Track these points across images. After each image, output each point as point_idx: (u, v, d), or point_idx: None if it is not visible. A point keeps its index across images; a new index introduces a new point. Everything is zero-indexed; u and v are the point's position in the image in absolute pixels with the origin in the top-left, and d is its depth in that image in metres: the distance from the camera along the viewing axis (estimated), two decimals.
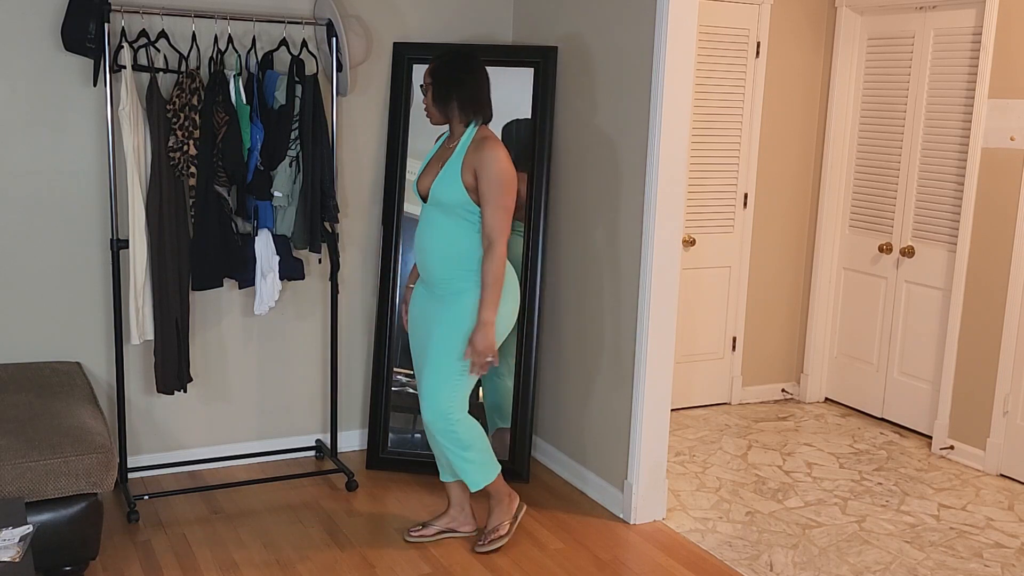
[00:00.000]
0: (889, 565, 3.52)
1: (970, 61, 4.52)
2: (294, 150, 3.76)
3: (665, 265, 3.62)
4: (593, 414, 3.99)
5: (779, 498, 4.09)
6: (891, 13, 4.92)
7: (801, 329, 5.44)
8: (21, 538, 2.32)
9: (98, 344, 3.87)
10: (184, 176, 3.62)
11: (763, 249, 5.25)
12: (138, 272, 3.60)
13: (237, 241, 3.75)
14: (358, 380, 4.38)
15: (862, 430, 4.99)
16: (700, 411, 5.22)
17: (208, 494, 3.89)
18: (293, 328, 4.22)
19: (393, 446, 4.21)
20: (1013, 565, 3.55)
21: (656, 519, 3.81)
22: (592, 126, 3.92)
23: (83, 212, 3.77)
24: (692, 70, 3.56)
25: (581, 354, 4.04)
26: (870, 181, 5.09)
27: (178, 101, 3.58)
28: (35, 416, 3.11)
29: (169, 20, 3.72)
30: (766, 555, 3.56)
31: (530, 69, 4.04)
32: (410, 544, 3.54)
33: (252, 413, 4.22)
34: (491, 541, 3.50)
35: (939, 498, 4.15)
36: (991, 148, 4.38)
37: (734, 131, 5.05)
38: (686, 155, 3.63)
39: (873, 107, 5.05)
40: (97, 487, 2.93)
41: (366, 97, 4.18)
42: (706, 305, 5.17)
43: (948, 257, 4.68)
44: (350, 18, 3.98)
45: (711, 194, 5.06)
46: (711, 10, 4.83)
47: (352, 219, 4.24)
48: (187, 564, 3.33)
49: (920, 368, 4.87)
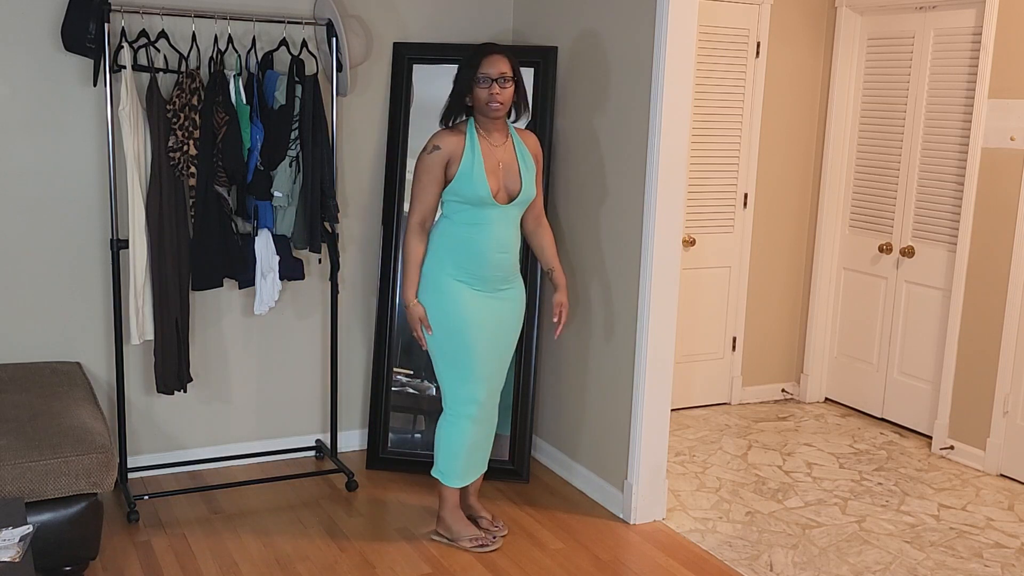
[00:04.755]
0: (889, 565, 3.52)
1: (970, 61, 4.52)
2: (294, 150, 3.76)
3: (665, 265, 3.62)
4: (593, 414, 3.99)
5: (779, 498, 4.09)
6: (891, 13, 4.92)
7: (801, 329, 5.44)
8: (21, 538, 2.32)
9: (98, 344, 3.87)
10: (184, 176, 3.62)
11: (763, 249, 5.25)
12: (138, 272, 3.60)
13: (237, 241, 3.75)
14: (358, 380, 4.38)
15: (862, 430, 4.99)
16: (700, 411, 5.22)
17: (208, 494, 3.89)
18: (293, 328, 4.22)
19: (393, 446, 4.21)
20: (1013, 565, 3.55)
21: (656, 519, 3.81)
22: (592, 126, 3.92)
23: (83, 212, 3.77)
24: (692, 70, 3.56)
25: (581, 354, 4.04)
26: (870, 181, 5.09)
27: (178, 101, 3.58)
28: (35, 416, 3.11)
29: (169, 20, 3.71)
30: (766, 555, 3.56)
31: (530, 69, 4.04)
32: (410, 544, 3.54)
33: (252, 413, 4.22)
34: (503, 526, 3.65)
35: (939, 498, 4.15)
36: (991, 148, 4.38)
37: (734, 131, 5.05)
38: (686, 155, 3.63)
39: (873, 107, 5.05)
40: (97, 487, 2.93)
41: (366, 97, 4.18)
42: (706, 305, 5.17)
43: (948, 257, 4.68)
44: (350, 18, 3.98)
45: (711, 194, 5.06)
46: (711, 10, 4.83)
47: (352, 219, 4.24)
48: (187, 564, 3.33)
49: (920, 368, 4.87)
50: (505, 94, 3.28)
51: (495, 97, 3.25)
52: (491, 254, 3.35)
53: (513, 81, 3.30)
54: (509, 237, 3.39)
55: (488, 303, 3.40)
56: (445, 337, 3.38)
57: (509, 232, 3.38)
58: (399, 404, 4.20)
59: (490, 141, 3.35)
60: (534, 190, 3.42)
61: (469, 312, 3.35)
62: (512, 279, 3.47)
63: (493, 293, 3.41)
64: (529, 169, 3.40)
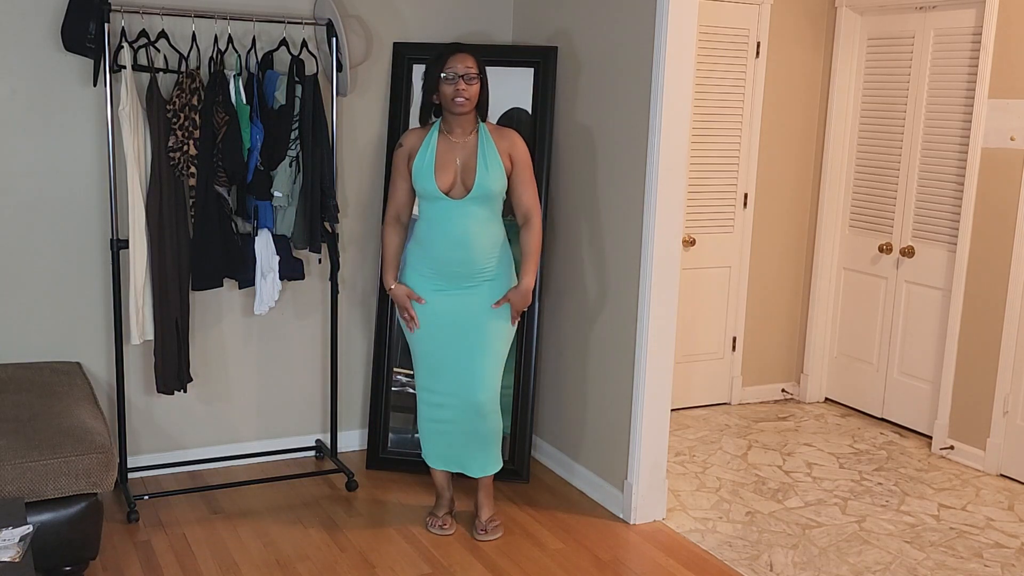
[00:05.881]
0: (889, 565, 3.52)
1: (970, 61, 4.52)
2: (294, 150, 3.76)
3: (665, 265, 3.62)
4: (593, 414, 3.99)
5: (779, 498, 4.09)
6: (891, 13, 4.92)
7: (801, 329, 5.44)
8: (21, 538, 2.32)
9: (98, 344, 3.87)
10: (184, 176, 3.62)
11: (763, 249, 5.25)
12: (138, 272, 3.60)
13: (237, 241, 3.75)
14: (358, 380, 4.38)
15: (862, 430, 4.99)
16: (700, 411, 5.22)
17: (208, 494, 3.89)
18: (293, 328, 4.22)
19: (393, 446, 4.21)
20: (1013, 565, 3.55)
21: (656, 519, 3.81)
22: (592, 126, 3.92)
23: (83, 212, 3.77)
24: (692, 70, 3.56)
25: (581, 354, 4.04)
26: (870, 181, 5.09)
27: (178, 101, 3.58)
28: (35, 416, 3.11)
29: (169, 20, 3.71)
30: (766, 555, 3.56)
31: (530, 69, 4.04)
32: (410, 544, 3.54)
33: (252, 413, 4.22)
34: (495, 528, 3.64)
35: (939, 498, 4.15)
36: (991, 148, 4.38)
37: (734, 131, 5.05)
38: (686, 155, 3.63)
39: (873, 107, 5.05)
40: (97, 487, 2.93)
41: (366, 97, 4.18)
42: (706, 305, 5.17)
43: (948, 257, 4.68)
44: (350, 18, 3.98)
45: (711, 194, 5.06)
46: (711, 10, 4.83)
47: (352, 219, 4.24)
48: (187, 564, 3.33)
49: (920, 368, 4.87)
50: (471, 90, 3.33)
51: (460, 92, 3.31)
52: (445, 250, 3.39)
53: (479, 79, 3.35)
54: (467, 233, 3.37)
55: (446, 299, 3.45)
56: (405, 330, 3.57)
57: (467, 228, 3.37)
58: (399, 404, 4.20)
59: (450, 137, 3.40)
60: (491, 185, 3.36)
61: (421, 308, 3.47)
62: (479, 276, 3.43)
63: (456, 290, 3.44)
64: (490, 165, 3.36)
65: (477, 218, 3.39)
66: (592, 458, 4.01)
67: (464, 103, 3.32)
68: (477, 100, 3.37)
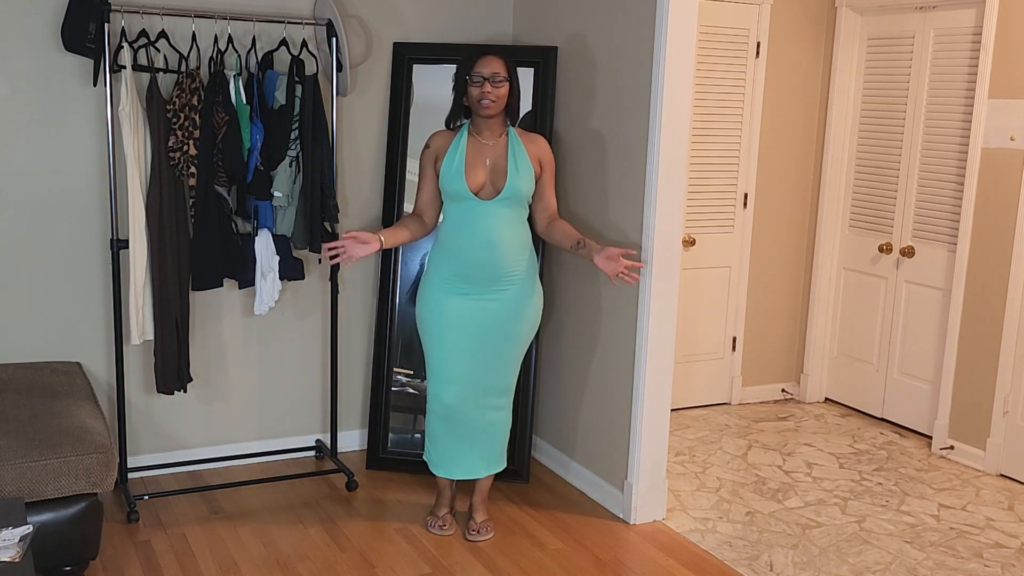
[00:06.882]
0: (889, 565, 3.52)
1: (970, 61, 4.52)
2: (294, 150, 3.76)
3: (665, 265, 3.62)
4: (593, 414, 3.99)
5: (779, 498, 4.09)
6: (891, 13, 4.92)
7: (801, 329, 5.44)
8: (21, 538, 2.32)
9: (98, 344, 3.87)
10: (184, 176, 3.62)
11: (763, 249, 5.25)
12: (138, 272, 3.60)
13: (237, 241, 3.75)
14: (358, 380, 4.38)
15: (862, 430, 4.99)
16: (700, 411, 5.22)
17: (208, 494, 3.89)
18: (293, 328, 4.22)
19: (393, 446, 4.21)
20: (1013, 565, 3.55)
21: (656, 519, 3.81)
22: (592, 126, 3.92)
23: (83, 212, 3.77)
24: (692, 70, 3.56)
25: (581, 354, 4.04)
26: (870, 181, 5.09)
27: (178, 101, 3.58)
28: (35, 416, 3.11)
29: (169, 20, 3.71)
30: (766, 555, 3.56)
31: (530, 69, 4.04)
32: (410, 544, 3.54)
33: (252, 413, 4.22)
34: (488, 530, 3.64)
35: (939, 498, 4.15)
36: (991, 148, 4.38)
37: (734, 131, 5.05)
38: (686, 155, 3.63)
39: (873, 107, 5.05)
40: (97, 487, 2.93)
41: (366, 97, 4.18)
42: (706, 305, 5.17)
43: (948, 257, 4.68)
44: (350, 18, 3.98)
45: (711, 194, 5.06)
46: (711, 10, 4.83)
47: (352, 219, 4.23)
48: (187, 564, 3.33)
49: (920, 368, 4.87)
50: (497, 92, 3.34)
51: (487, 95, 3.33)
52: (473, 251, 3.38)
53: (507, 82, 3.36)
54: (494, 234, 3.37)
55: (470, 305, 3.42)
56: (423, 334, 3.53)
57: (495, 228, 3.37)
58: (399, 404, 4.20)
59: (480, 139, 3.41)
60: (521, 187, 3.39)
61: (443, 313, 3.44)
62: (505, 280, 3.42)
63: (480, 295, 3.42)
64: (520, 167, 3.39)
65: (505, 219, 3.39)
66: (592, 458, 4.01)
67: (490, 105, 3.34)
68: (506, 103, 3.39)
